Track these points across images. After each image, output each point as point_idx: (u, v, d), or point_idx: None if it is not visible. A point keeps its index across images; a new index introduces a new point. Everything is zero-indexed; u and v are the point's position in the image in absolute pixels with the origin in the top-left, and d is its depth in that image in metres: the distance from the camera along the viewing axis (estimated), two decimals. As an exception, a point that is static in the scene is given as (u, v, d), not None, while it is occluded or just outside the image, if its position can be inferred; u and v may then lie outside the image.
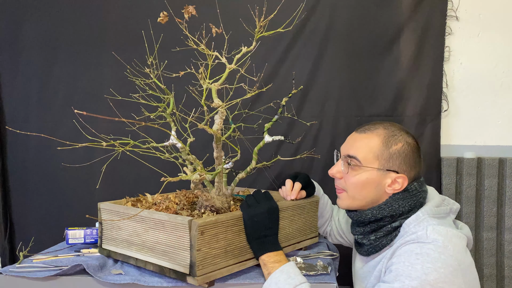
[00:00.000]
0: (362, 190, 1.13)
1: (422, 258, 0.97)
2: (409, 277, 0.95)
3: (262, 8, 1.13)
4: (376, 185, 1.12)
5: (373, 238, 1.12)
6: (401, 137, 1.12)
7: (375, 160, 1.11)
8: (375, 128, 1.14)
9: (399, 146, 1.11)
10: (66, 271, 1.11)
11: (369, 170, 1.11)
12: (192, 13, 1.09)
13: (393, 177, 1.11)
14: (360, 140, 1.14)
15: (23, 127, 1.85)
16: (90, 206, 1.29)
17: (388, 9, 1.77)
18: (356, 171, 1.12)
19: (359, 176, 1.12)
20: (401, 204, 1.10)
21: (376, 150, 1.11)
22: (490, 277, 1.77)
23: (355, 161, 1.12)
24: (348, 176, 1.14)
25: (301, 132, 1.77)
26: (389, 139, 1.12)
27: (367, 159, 1.12)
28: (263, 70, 1.52)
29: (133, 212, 1.12)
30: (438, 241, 0.99)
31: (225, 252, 1.08)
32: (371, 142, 1.12)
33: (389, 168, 1.11)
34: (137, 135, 1.18)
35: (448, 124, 1.83)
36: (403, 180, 1.11)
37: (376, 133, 1.13)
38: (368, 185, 1.12)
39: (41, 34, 1.84)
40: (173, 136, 1.12)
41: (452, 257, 0.97)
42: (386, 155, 1.11)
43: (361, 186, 1.12)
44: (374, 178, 1.11)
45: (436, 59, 1.79)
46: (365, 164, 1.11)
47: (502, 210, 1.77)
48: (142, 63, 1.26)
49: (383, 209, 1.11)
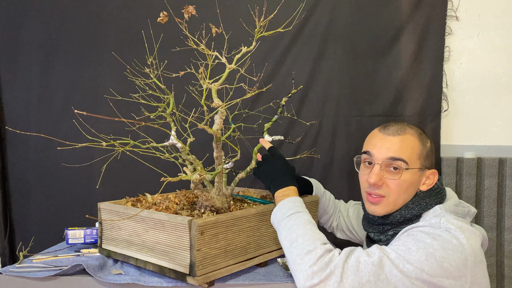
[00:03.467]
0: (405, 193, 1.11)
1: (432, 236, 0.97)
2: (416, 246, 0.95)
3: (262, 8, 1.12)
4: (416, 185, 1.12)
5: (391, 233, 1.12)
6: (424, 134, 1.14)
7: (417, 160, 1.11)
8: (403, 128, 1.13)
9: (429, 142, 1.13)
10: (66, 271, 1.11)
11: (411, 171, 1.10)
12: (192, 13, 1.09)
13: (427, 174, 1.12)
14: (400, 142, 1.11)
15: (23, 127, 1.85)
16: (90, 206, 1.29)
17: (388, 9, 1.77)
18: (398, 174, 1.10)
19: (403, 179, 1.09)
20: (428, 201, 1.10)
21: (418, 150, 1.11)
22: (490, 277, 1.75)
23: (403, 163, 1.09)
24: (391, 180, 1.10)
25: (301, 132, 1.77)
26: (421, 137, 1.13)
27: (411, 160, 1.10)
28: (263, 70, 1.52)
29: (133, 212, 1.12)
30: (451, 229, 0.99)
31: (225, 252, 1.08)
32: (411, 142, 1.11)
33: (427, 166, 1.12)
34: (137, 135, 1.18)
35: (448, 124, 1.83)
36: (434, 175, 1.12)
37: (410, 133, 1.12)
38: (410, 186, 1.11)
39: (41, 34, 1.84)
40: (173, 136, 1.12)
41: (464, 246, 0.95)
42: (424, 153, 1.12)
43: (404, 189, 1.10)
44: (416, 178, 1.11)
45: (436, 59, 1.79)
46: (411, 165, 1.10)
47: (502, 210, 1.77)
48: (142, 63, 1.26)
49: (411, 208, 1.11)
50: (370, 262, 0.93)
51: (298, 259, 0.97)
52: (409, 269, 0.92)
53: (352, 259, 0.94)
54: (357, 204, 1.48)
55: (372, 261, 0.93)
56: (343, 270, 0.92)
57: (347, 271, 0.92)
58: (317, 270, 0.93)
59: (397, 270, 0.92)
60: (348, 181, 1.79)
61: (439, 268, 0.92)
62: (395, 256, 0.94)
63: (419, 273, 0.92)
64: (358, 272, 0.92)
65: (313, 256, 0.95)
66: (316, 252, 0.96)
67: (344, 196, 1.56)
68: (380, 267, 0.93)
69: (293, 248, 1.00)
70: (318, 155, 1.71)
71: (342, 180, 1.80)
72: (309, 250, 0.97)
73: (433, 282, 0.92)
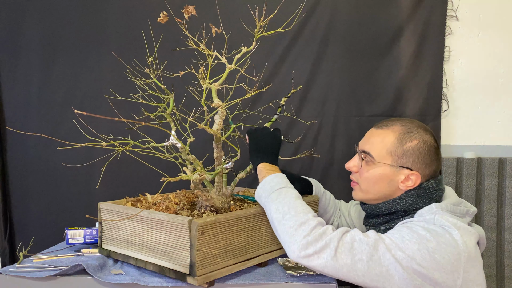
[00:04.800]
0: (375, 185, 1.14)
1: (427, 229, 0.97)
2: (409, 235, 0.96)
3: (262, 8, 1.13)
4: (388, 180, 1.13)
5: (383, 229, 1.13)
6: (417, 135, 1.12)
7: (388, 156, 1.12)
8: (392, 124, 1.15)
9: (414, 143, 1.11)
10: (66, 271, 1.11)
11: (382, 165, 1.13)
12: (192, 13, 1.09)
13: (406, 174, 1.11)
14: (375, 136, 1.16)
15: (23, 127, 1.85)
16: (90, 206, 1.29)
17: (388, 9, 1.77)
18: (370, 166, 1.14)
19: (372, 171, 1.14)
20: (415, 200, 1.11)
21: (390, 146, 1.12)
22: (490, 277, 1.76)
23: (369, 156, 1.14)
24: (362, 170, 1.16)
25: (301, 132, 1.77)
26: (404, 135, 1.12)
27: (380, 155, 1.13)
28: (263, 70, 1.52)
29: (133, 212, 1.12)
30: (445, 225, 0.99)
31: (225, 252, 1.08)
32: (386, 138, 1.13)
33: (402, 165, 1.11)
34: (137, 135, 1.18)
35: (448, 124, 1.83)
36: (416, 177, 1.11)
37: (392, 129, 1.14)
38: (380, 180, 1.13)
39: (41, 34, 1.84)
40: (173, 136, 1.12)
41: (457, 242, 0.95)
42: (400, 151, 1.11)
43: (374, 181, 1.14)
44: (387, 173, 1.13)
45: (436, 59, 1.79)
46: (378, 160, 1.13)
47: (502, 210, 1.77)
48: (142, 63, 1.26)
49: (396, 203, 1.12)
50: (365, 242, 0.96)
51: (291, 230, 1.00)
52: (400, 256, 0.93)
53: (348, 237, 0.97)
54: (358, 204, 1.48)
55: (367, 241, 0.96)
56: (338, 245, 0.95)
57: (342, 247, 0.95)
58: (311, 241, 0.96)
59: (390, 254, 0.94)
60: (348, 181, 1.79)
61: (431, 259, 0.93)
62: (388, 242, 0.96)
63: (410, 261, 0.93)
64: (352, 249, 0.95)
65: (306, 227, 0.99)
66: (310, 224, 0.99)
67: (344, 196, 1.56)
68: (374, 248, 0.95)
69: (286, 220, 1.03)
70: (318, 155, 1.71)
71: (342, 180, 1.80)
72: (303, 221, 1.00)
73: (423, 273, 0.93)
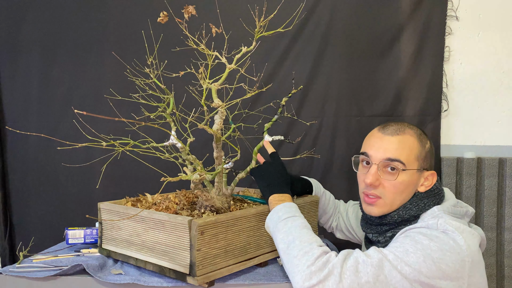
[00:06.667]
0: (402, 194, 1.09)
1: (430, 238, 0.96)
2: (413, 247, 0.94)
3: (262, 8, 1.12)
4: (414, 186, 1.10)
5: (390, 235, 1.11)
6: (424, 135, 1.13)
7: (415, 161, 1.09)
8: (403, 128, 1.11)
9: (428, 143, 1.12)
10: (66, 271, 1.11)
11: (410, 172, 1.08)
12: (192, 13, 1.09)
13: (426, 175, 1.10)
14: (398, 143, 1.09)
15: (23, 127, 1.85)
16: (90, 206, 1.29)
17: (388, 9, 1.77)
18: (395, 175, 1.08)
19: (400, 180, 1.08)
20: (426, 202, 1.09)
21: (416, 151, 1.09)
22: (490, 277, 1.76)
23: (400, 164, 1.08)
24: (388, 181, 1.09)
25: (301, 132, 1.77)
26: (420, 138, 1.11)
27: (409, 161, 1.08)
28: (263, 70, 1.52)
29: (133, 212, 1.12)
30: (448, 230, 0.98)
31: (225, 252, 1.08)
32: (410, 143, 1.09)
33: (425, 167, 1.10)
34: (137, 135, 1.18)
35: (448, 124, 1.83)
36: (432, 176, 1.10)
37: (408, 133, 1.11)
38: (407, 188, 1.09)
39: (41, 34, 1.84)
40: (173, 136, 1.12)
41: (461, 248, 0.95)
42: (423, 154, 1.10)
43: (401, 190, 1.09)
44: (414, 179, 1.09)
45: (436, 59, 1.79)
46: (408, 166, 1.08)
47: (502, 210, 1.77)
48: (142, 63, 1.26)
49: (409, 209, 1.10)
50: (369, 263, 0.93)
51: (295, 260, 0.97)
52: (407, 271, 0.92)
53: (351, 260, 0.94)
54: (356, 204, 1.48)
55: (371, 261, 0.93)
56: (342, 270, 0.92)
57: (346, 272, 0.92)
58: (315, 270, 0.93)
59: (396, 271, 0.92)
60: (348, 181, 1.79)
61: (436, 269, 0.92)
62: (393, 258, 0.94)
63: (417, 275, 0.92)
64: (357, 272, 0.92)
65: (310, 257, 0.95)
66: (314, 253, 0.96)
67: (344, 196, 1.56)
68: (379, 268, 0.93)
69: (290, 250, 1.00)
70: (318, 155, 1.71)
71: (342, 180, 1.80)
72: (306, 251, 0.97)
73: (431, 284, 0.92)
